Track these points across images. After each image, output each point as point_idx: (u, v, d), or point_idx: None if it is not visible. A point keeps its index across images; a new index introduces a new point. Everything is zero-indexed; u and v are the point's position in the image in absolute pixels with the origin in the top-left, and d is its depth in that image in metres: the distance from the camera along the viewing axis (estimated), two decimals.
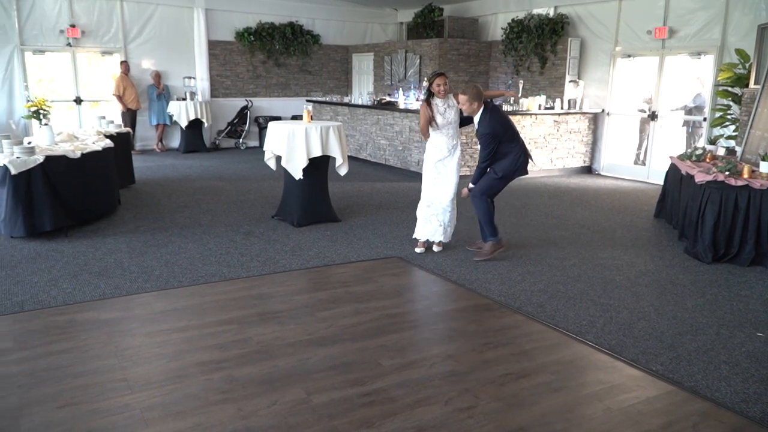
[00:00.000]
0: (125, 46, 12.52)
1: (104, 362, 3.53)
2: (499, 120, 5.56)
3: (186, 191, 8.73)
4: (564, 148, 10.86)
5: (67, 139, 7.34)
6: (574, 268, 5.54)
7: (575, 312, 4.49)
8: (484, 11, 13.18)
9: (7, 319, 4.15)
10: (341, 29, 15.00)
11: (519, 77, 11.85)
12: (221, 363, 3.54)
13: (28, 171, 5.92)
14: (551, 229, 6.99)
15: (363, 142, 11.67)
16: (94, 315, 4.25)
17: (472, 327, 4.15)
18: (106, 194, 7.10)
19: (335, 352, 3.71)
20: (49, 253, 5.72)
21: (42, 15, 11.70)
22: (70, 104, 12.41)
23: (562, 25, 11.11)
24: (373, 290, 4.85)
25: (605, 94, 10.90)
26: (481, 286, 5.00)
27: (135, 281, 5.00)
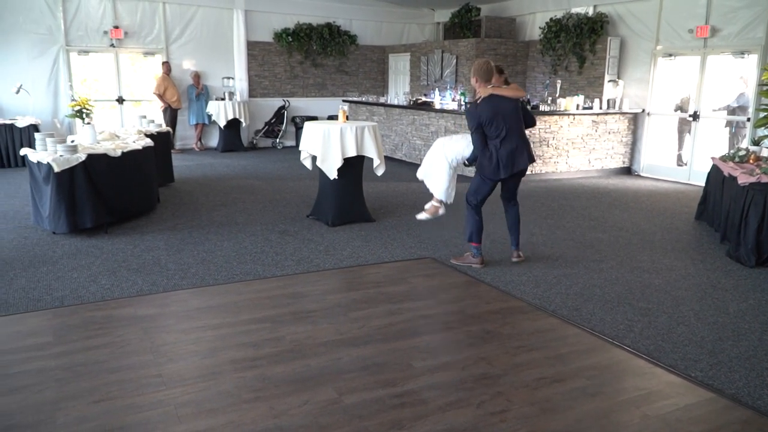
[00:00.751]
0: (167, 47, 12.76)
1: (140, 358, 3.59)
2: (490, 108, 5.13)
3: (223, 190, 8.84)
4: (602, 149, 10.67)
5: (109, 138, 7.51)
6: (611, 271, 5.43)
7: (612, 316, 4.40)
8: (521, 11, 13.03)
9: (48, 314, 4.26)
10: (378, 29, 15.02)
11: (557, 77, 11.68)
12: (254, 361, 3.57)
13: (71, 169, 6.07)
14: (588, 231, 6.86)
15: (398, 142, 11.66)
16: (131, 311, 4.33)
17: (506, 329, 4.10)
18: (145, 192, 7.24)
19: (367, 353, 3.70)
20: (89, 249, 5.85)
21: (87, 16, 12.00)
22: (113, 104, 12.70)
23: (601, 24, 10.91)
24: (406, 291, 4.83)
25: (645, 94, 10.66)
26: (516, 288, 4.94)
27: (172, 278, 5.08)
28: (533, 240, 6.43)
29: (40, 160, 6.11)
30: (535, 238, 6.52)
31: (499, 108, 5.16)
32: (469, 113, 5.26)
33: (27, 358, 3.55)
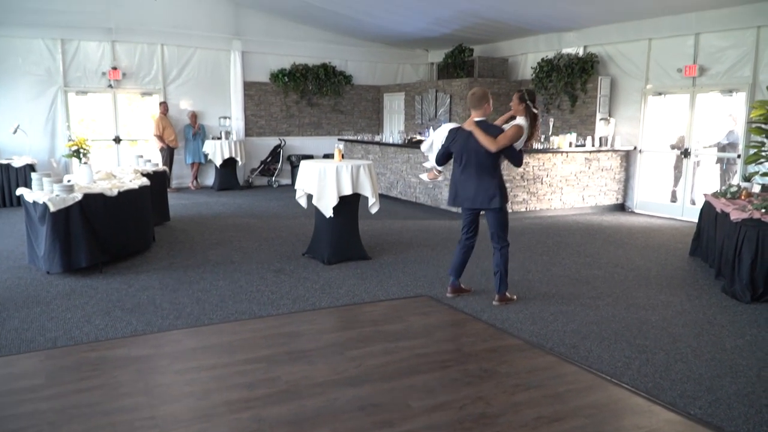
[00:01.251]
0: (164, 87, 12.92)
1: (134, 400, 3.55)
2: (457, 135, 5.49)
3: (219, 228, 8.85)
4: (596, 186, 10.76)
5: (106, 177, 7.54)
6: (608, 308, 5.42)
7: (610, 353, 4.38)
8: (513, 51, 13.29)
9: (40, 355, 4.22)
10: (373, 70, 15.26)
11: (549, 115, 11.84)
12: (249, 402, 3.53)
13: (67, 208, 6.08)
14: (584, 267, 6.88)
15: (394, 180, 11.73)
16: (125, 352, 4.29)
17: (503, 368, 4.07)
18: (141, 231, 7.24)
19: (364, 393, 3.67)
20: (83, 289, 5.82)
21: (86, 58, 12.17)
22: (110, 143, 12.78)
23: (591, 64, 11.12)
24: (403, 329, 4.80)
25: (637, 132, 10.81)
26: (512, 326, 4.92)
27: (166, 318, 5.04)
28: (529, 277, 6.43)
29: (36, 200, 6.12)
30: (531, 275, 6.53)
31: (464, 140, 5.39)
32: (449, 129, 5.52)
33: (19, 401, 3.50)
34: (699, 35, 9.65)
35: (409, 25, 12.75)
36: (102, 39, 12.21)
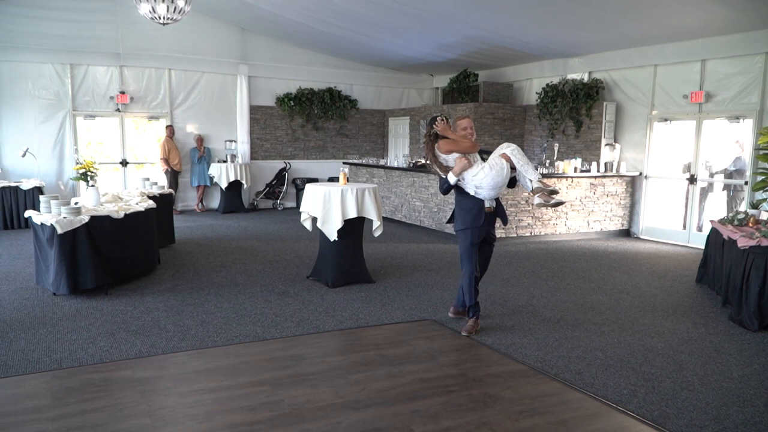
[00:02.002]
0: (171, 111, 13.06)
1: (137, 422, 3.54)
2: None
3: (224, 251, 8.87)
4: (601, 211, 10.76)
5: (112, 199, 7.60)
6: (613, 334, 5.39)
7: (615, 380, 4.35)
8: (518, 76, 13.41)
9: (46, 376, 4.22)
10: (378, 94, 15.40)
11: (554, 140, 11.90)
12: (252, 425, 3.51)
13: (74, 230, 6.12)
14: (589, 293, 6.85)
15: (398, 204, 11.77)
16: (129, 373, 4.29)
17: (508, 394, 4.05)
18: (146, 253, 7.26)
19: (367, 417, 3.65)
20: (89, 310, 5.83)
21: (94, 82, 12.34)
22: (117, 166, 12.89)
23: (597, 90, 11.21)
24: (407, 353, 4.79)
25: (642, 157, 10.84)
26: (517, 351, 4.90)
27: (170, 340, 5.04)
28: (534, 302, 6.41)
29: (44, 222, 6.17)
30: (536, 300, 6.51)
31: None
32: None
33: (24, 421, 3.50)
34: (705, 62, 9.72)
35: (414, 51, 12.89)
36: (110, 64, 12.38)
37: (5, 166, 11.67)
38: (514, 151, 5.23)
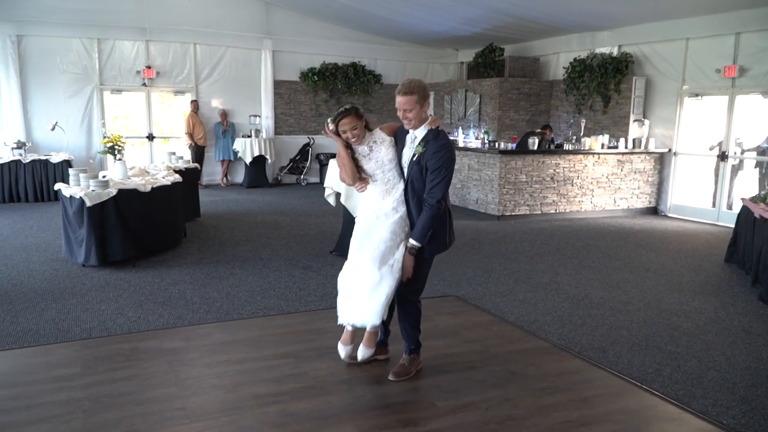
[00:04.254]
0: (196, 86, 13.11)
1: (164, 391, 3.61)
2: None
3: (248, 225, 8.94)
4: (628, 189, 10.61)
5: (139, 173, 7.68)
6: (638, 313, 5.34)
7: (640, 359, 4.32)
8: (545, 51, 13.16)
9: (76, 345, 4.32)
10: (402, 69, 15.25)
11: (581, 116, 11.71)
12: (276, 397, 3.56)
13: (102, 203, 6.21)
14: (614, 271, 6.79)
15: None
16: (156, 344, 4.37)
17: (531, 370, 4.04)
18: (172, 227, 7.35)
19: (390, 391, 3.67)
20: (117, 282, 5.94)
21: (121, 57, 12.42)
22: (143, 140, 13.02)
23: (626, 64, 10.96)
24: (430, 329, 4.79)
25: (672, 134, 10.63)
26: (540, 329, 4.88)
27: (197, 312, 5.12)
28: (558, 280, 6.37)
29: (72, 195, 6.27)
30: (560, 277, 6.46)
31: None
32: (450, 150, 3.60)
33: (55, 389, 3.59)
34: (739, 35, 9.42)
35: (439, 24, 12.72)
36: (137, 38, 12.44)
37: (35, 140, 11.84)
38: None
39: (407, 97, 3.54)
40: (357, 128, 3.67)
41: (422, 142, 3.58)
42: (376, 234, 3.72)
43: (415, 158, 3.59)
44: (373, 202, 3.80)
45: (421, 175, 3.56)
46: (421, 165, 3.55)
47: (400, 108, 3.59)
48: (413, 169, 3.60)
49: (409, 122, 3.60)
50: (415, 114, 3.57)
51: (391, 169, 3.75)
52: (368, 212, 3.80)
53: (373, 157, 3.75)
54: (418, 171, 3.58)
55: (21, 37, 11.60)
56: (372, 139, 3.79)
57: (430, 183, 3.52)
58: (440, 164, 3.50)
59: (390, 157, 3.75)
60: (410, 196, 3.66)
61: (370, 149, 3.76)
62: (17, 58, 11.57)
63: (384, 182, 3.76)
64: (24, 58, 11.70)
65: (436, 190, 3.51)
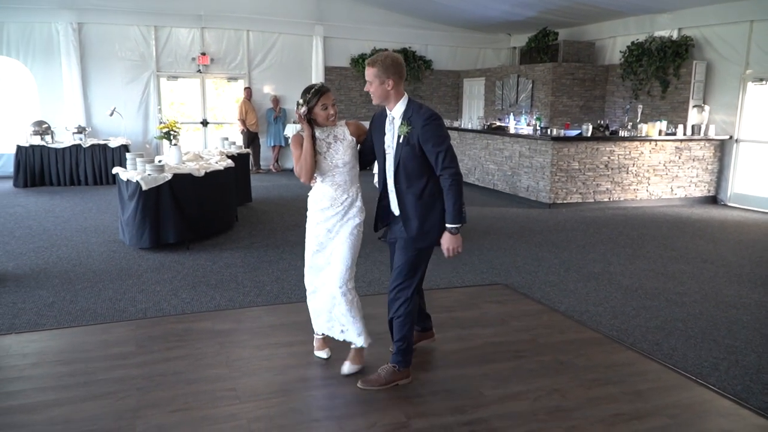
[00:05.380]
0: (249, 73, 13.29)
1: (215, 371, 3.70)
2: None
3: (298, 210, 9.04)
4: (686, 177, 10.25)
5: (193, 158, 7.85)
6: (695, 305, 5.17)
7: (696, 352, 4.18)
8: (601, 35, 12.79)
9: (132, 325, 4.46)
10: (453, 54, 15.09)
11: (638, 102, 11.35)
12: (324, 380, 3.60)
13: (157, 187, 6.37)
14: (670, 261, 6.58)
15: (471, 167, 11.61)
16: (209, 325, 4.47)
17: (581, 361, 3.97)
18: (225, 211, 7.50)
19: (437, 378, 3.67)
20: (171, 264, 6.10)
21: (177, 44, 12.70)
22: (197, 126, 13.29)
23: (686, 48, 10.55)
24: (477, 317, 4.77)
25: (734, 120, 10.19)
26: (591, 319, 4.78)
27: (247, 295, 5.21)
28: (610, 269, 6.22)
29: (129, 179, 6.45)
30: (612, 267, 6.31)
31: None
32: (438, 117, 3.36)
33: (111, 366, 3.73)
34: None
35: (491, 9, 12.50)
36: (192, 26, 12.68)
37: (94, 125, 12.25)
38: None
39: (369, 69, 3.34)
40: (335, 105, 3.48)
41: (404, 120, 3.32)
42: (335, 253, 3.57)
43: (401, 139, 3.33)
44: (320, 205, 3.56)
45: (414, 156, 3.30)
46: (412, 144, 3.29)
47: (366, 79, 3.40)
48: (403, 150, 3.32)
49: (372, 97, 3.40)
50: (375, 88, 3.34)
51: (344, 172, 3.51)
52: (317, 221, 3.58)
53: (329, 156, 3.49)
54: (409, 151, 3.31)
55: (81, 25, 11.98)
56: (332, 133, 3.54)
57: (437, 157, 3.26)
58: (437, 133, 3.26)
59: (346, 159, 3.50)
60: (402, 182, 3.39)
61: (328, 146, 3.50)
62: (78, 45, 11.96)
63: (333, 185, 3.52)
64: (84, 45, 12.08)
65: (446, 161, 3.27)
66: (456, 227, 3.37)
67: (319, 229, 3.59)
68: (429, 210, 3.39)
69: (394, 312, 3.51)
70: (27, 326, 4.42)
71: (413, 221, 3.40)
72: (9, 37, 11.63)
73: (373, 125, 3.59)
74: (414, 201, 3.39)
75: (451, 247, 3.42)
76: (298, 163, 3.46)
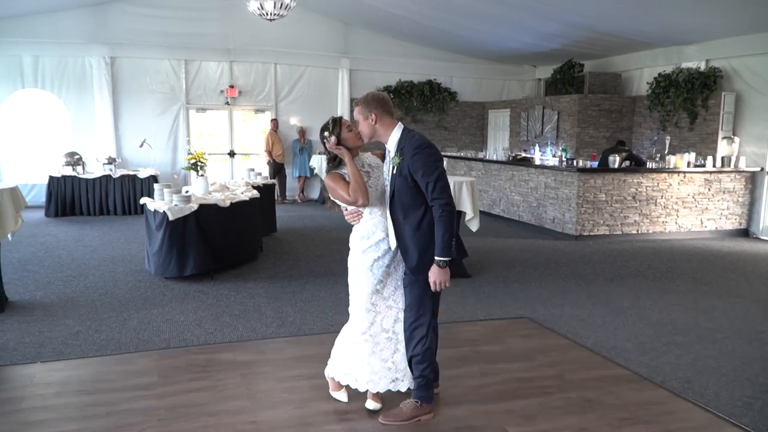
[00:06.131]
0: (276, 104, 13.51)
1: (237, 403, 3.68)
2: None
3: (322, 241, 9.06)
4: (716, 209, 10.06)
5: (219, 189, 7.95)
6: (727, 342, 5.02)
7: (728, 391, 4.04)
8: (628, 66, 12.75)
9: (155, 355, 4.47)
10: (478, 86, 15.17)
11: (665, 133, 11.24)
12: (345, 414, 3.55)
13: (184, 217, 6.45)
14: (701, 296, 6.42)
15: (496, 198, 11.55)
16: (231, 356, 4.46)
17: (609, 399, 3.86)
18: (250, 241, 7.55)
19: (460, 414, 3.60)
20: (196, 294, 6.14)
21: (206, 77, 12.99)
22: (225, 157, 13.50)
23: (714, 79, 10.46)
24: (502, 351, 4.68)
25: (765, 152, 10.01)
26: (620, 355, 4.67)
27: (270, 326, 5.21)
28: (639, 304, 6.09)
29: (156, 209, 6.54)
30: (641, 301, 6.18)
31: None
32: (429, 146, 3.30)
33: (134, 397, 3.73)
34: None
35: (515, 41, 12.58)
36: (221, 59, 12.98)
37: (124, 156, 12.51)
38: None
39: (355, 108, 3.44)
40: (356, 125, 3.44)
41: (397, 151, 3.31)
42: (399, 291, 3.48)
43: (395, 170, 3.30)
44: (375, 238, 3.41)
45: (407, 186, 3.25)
46: (404, 174, 3.24)
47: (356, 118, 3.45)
48: (396, 182, 3.29)
49: (362, 137, 3.44)
50: (361, 126, 3.39)
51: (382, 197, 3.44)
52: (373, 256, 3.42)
53: (373, 184, 3.39)
54: (402, 182, 3.26)
55: (114, 59, 12.33)
56: (365, 162, 3.49)
57: (426, 187, 3.19)
58: (426, 162, 3.19)
59: (384, 184, 3.44)
60: (399, 213, 3.32)
61: (368, 175, 3.41)
62: (110, 78, 12.30)
63: (383, 215, 3.42)
64: (116, 78, 12.42)
65: (437, 191, 3.18)
66: (444, 260, 3.26)
67: (376, 266, 3.42)
68: (428, 240, 3.30)
69: (412, 351, 3.46)
70: (52, 355, 4.46)
71: (412, 253, 3.33)
72: (44, 70, 12.01)
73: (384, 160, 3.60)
74: (411, 232, 3.32)
75: (438, 281, 3.30)
76: (349, 190, 3.30)
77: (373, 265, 3.42)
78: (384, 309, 3.49)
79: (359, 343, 3.50)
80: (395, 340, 3.49)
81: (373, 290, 3.45)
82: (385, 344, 3.48)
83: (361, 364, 3.49)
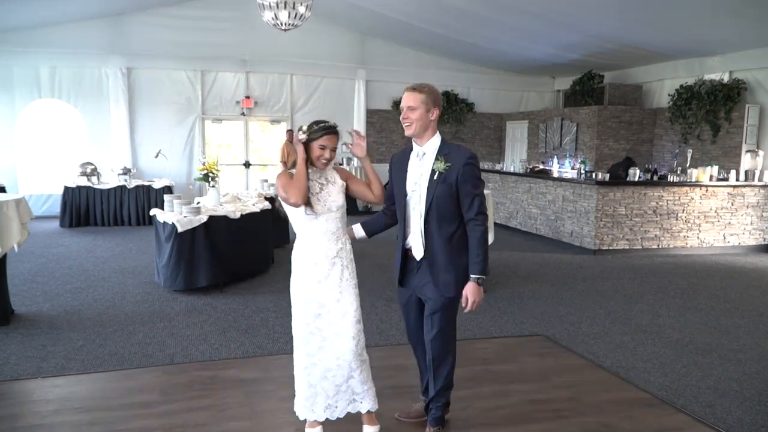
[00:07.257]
0: (292, 115, 13.48)
1: (238, 423, 3.56)
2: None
3: None
4: (740, 224, 9.79)
5: (231, 200, 7.88)
6: (751, 363, 4.80)
7: (752, 416, 3.84)
8: (649, 77, 12.54)
9: (158, 371, 4.37)
10: (496, 97, 15.03)
11: (687, 146, 10.99)
12: None
13: (193, 229, 6.37)
14: (724, 314, 6.19)
15: (513, 210, 11.37)
16: (235, 373, 4.35)
17: (627, 424, 3.68)
18: (260, 253, 7.45)
19: None
20: (203, 307, 6.04)
21: (222, 87, 13.00)
22: (240, 167, 13.48)
23: (738, 91, 10.22)
24: (516, 371, 4.52)
25: None
26: (638, 377, 4.47)
27: (277, 341, 5.09)
28: (659, 322, 5.88)
29: (166, 221, 6.48)
30: (661, 319, 5.97)
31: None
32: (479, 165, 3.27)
33: (133, 416, 3.62)
34: None
35: (534, 51, 12.43)
36: (237, 70, 12.99)
37: (140, 167, 12.53)
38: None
39: (414, 94, 3.14)
40: (335, 150, 3.26)
41: (440, 156, 3.15)
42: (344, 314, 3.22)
43: (436, 176, 3.13)
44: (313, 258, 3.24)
45: (450, 195, 3.11)
46: (449, 182, 3.10)
47: (404, 106, 3.19)
48: (438, 188, 3.11)
49: (410, 125, 3.16)
50: (419, 116, 3.13)
51: (337, 218, 3.32)
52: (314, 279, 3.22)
53: (322, 198, 3.24)
54: (445, 190, 3.11)
55: (131, 70, 12.39)
56: (324, 175, 3.31)
57: (472, 200, 3.11)
58: (475, 174, 3.14)
59: (339, 203, 3.30)
60: (433, 222, 3.15)
61: (321, 187, 3.27)
62: (127, 89, 12.35)
63: (326, 234, 3.27)
64: (133, 89, 12.47)
65: (481, 206, 3.13)
66: (482, 278, 3.15)
67: (317, 289, 3.22)
68: (459, 256, 3.18)
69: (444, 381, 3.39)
70: (54, 370, 4.37)
71: (443, 268, 3.18)
72: (61, 80, 12.09)
73: (393, 167, 3.40)
74: (443, 243, 3.17)
75: (477, 300, 3.17)
76: (288, 186, 3.13)
77: (312, 286, 3.23)
78: (331, 335, 3.23)
79: (306, 373, 3.27)
80: (347, 365, 3.23)
81: (315, 314, 3.24)
82: (337, 372, 3.24)
83: (312, 394, 3.27)
